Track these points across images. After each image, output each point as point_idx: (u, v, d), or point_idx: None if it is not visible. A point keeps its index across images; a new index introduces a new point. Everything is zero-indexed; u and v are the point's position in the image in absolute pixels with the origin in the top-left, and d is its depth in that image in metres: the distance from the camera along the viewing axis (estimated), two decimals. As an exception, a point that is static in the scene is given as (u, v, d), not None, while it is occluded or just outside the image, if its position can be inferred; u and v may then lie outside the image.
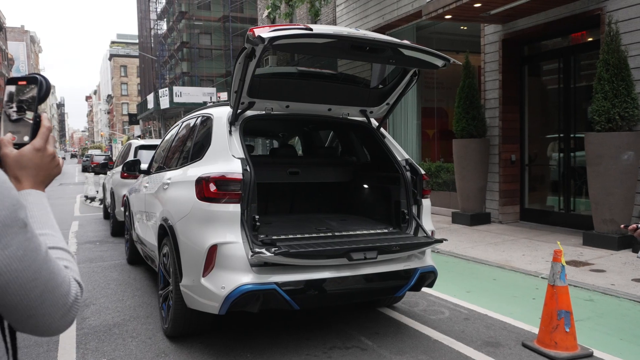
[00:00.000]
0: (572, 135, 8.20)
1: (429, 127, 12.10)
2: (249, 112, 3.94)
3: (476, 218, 8.97)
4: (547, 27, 8.13)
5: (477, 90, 9.04)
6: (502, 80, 8.96)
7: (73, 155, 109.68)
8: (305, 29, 3.17)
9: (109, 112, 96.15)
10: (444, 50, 3.83)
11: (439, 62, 3.69)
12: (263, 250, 3.16)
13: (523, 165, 9.19)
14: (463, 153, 9.03)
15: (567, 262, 5.53)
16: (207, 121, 4.21)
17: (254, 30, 3.08)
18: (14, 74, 71.64)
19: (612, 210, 6.59)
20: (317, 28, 3.24)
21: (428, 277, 3.84)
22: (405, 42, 3.54)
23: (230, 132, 3.73)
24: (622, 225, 2.48)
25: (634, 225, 2.28)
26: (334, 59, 13.78)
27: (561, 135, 8.42)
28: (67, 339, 3.92)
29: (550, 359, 3.39)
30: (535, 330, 3.84)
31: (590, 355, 3.45)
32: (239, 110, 3.80)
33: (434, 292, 4.95)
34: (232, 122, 3.79)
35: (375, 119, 4.63)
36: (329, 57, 3.95)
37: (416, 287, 3.84)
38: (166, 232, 3.95)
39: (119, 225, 8.71)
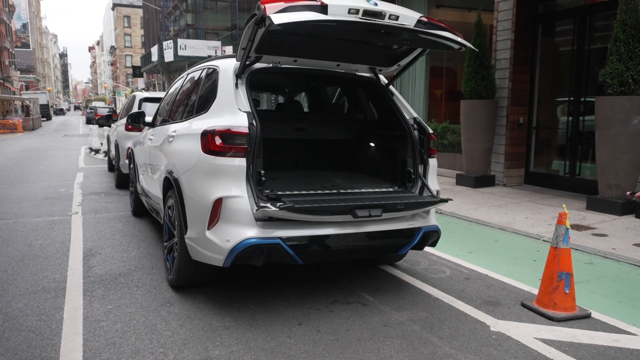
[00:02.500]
0: (582, 99, 8.06)
1: (437, 87, 11.91)
2: (256, 65, 3.86)
3: (480, 180, 8.96)
4: (564, -16, 7.86)
5: (487, 49, 8.83)
6: (515, 40, 8.74)
7: (77, 107, 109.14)
8: (320, 5, 3.05)
9: (112, 64, 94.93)
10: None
11: (455, 46, 3.60)
12: (268, 205, 3.17)
13: (530, 128, 9.09)
14: (471, 114, 8.92)
15: (570, 226, 5.55)
16: (212, 74, 4.14)
17: (265, 5, 2.97)
18: (15, 21, 70.33)
19: (618, 176, 6.55)
20: (332, 3, 3.10)
21: (431, 236, 3.86)
22: (424, 20, 3.41)
23: (236, 85, 3.67)
24: (628, 193, 2.46)
25: None
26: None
27: (571, 98, 8.28)
28: (74, 286, 4.00)
29: (549, 319, 3.45)
30: (535, 291, 3.89)
31: (588, 316, 3.50)
32: (246, 63, 3.72)
33: (436, 251, 5.00)
34: (239, 74, 3.72)
35: (384, 77, 4.54)
36: (340, 37, 3.86)
37: (419, 246, 3.86)
38: (171, 185, 3.95)
39: (123, 177, 8.77)
